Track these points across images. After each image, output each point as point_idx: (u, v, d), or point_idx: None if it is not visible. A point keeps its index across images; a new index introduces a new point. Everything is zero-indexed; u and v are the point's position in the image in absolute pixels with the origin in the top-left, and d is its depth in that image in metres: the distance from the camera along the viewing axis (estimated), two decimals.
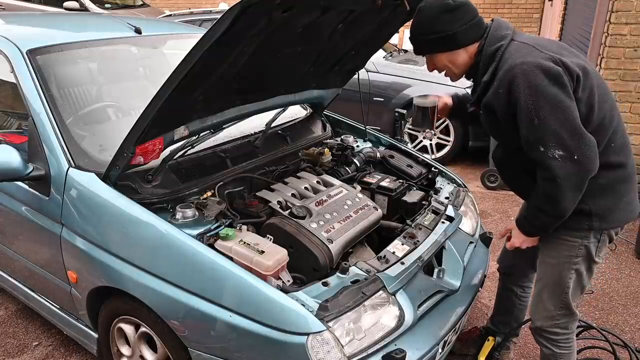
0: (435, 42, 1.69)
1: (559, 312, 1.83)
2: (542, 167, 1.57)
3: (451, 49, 1.69)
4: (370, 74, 5.03)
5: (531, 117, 1.52)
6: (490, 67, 1.63)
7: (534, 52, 1.57)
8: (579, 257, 1.75)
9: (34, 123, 1.98)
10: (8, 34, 2.24)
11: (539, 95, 1.50)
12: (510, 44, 1.62)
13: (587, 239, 1.72)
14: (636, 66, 3.74)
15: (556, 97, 1.50)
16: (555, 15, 7.46)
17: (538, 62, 1.53)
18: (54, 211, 1.95)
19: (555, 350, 1.89)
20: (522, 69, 1.53)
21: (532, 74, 1.51)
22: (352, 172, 2.57)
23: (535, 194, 1.65)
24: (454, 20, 1.64)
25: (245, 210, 2.03)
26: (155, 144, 1.79)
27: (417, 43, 1.75)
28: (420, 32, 1.71)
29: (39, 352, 2.49)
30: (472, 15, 1.66)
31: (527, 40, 1.64)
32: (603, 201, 1.67)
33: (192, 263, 1.65)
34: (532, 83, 1.51)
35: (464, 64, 1.72)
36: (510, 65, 1.55)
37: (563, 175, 1.52)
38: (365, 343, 1.61)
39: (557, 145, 1.51)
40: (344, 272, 1.74)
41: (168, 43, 2.79)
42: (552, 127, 1.50)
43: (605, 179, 1.65)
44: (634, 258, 3.39)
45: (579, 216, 1.67)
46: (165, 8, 10.55)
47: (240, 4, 1.39)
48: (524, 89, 1.52)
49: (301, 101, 2.63)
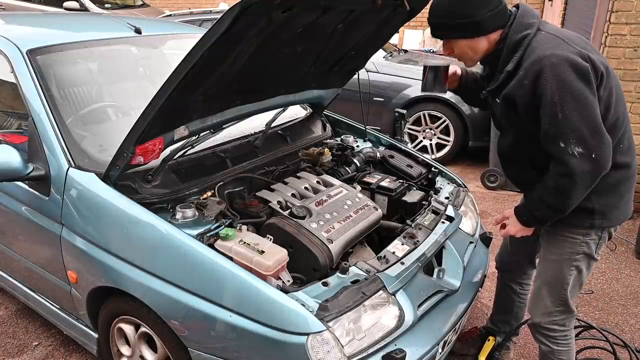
0: (457, 28, 1.61)
1: (557, 309, 1.84)
2: (559, 162, 1.55)
3: (474, 36, 1.63)
4: (370, 74, 5.03)
5: (555, 112, 1.49)
6: (514, 56, 1.57)
7: (563, 45, 1.53)
8: (579, 254, 1.76)
9: (34, 123, 1.98)
10: (8, 34, 2.24)
11: (566, 90, 1.48)
12: (537, 33, 1.57)
13: (588, 236, 1.73)
14: (636, 66, 3.74)
15: (582, 93, 1.48)
16: (555, 15, 7.45)
17: (567, 56, 1.49)
18: (54, 211, 1.95)
19: (554, 347, 1.90)
20: (550, 62, 1.49)
21: (561, 68, 1.48)
22: (352, 172, 2.56)
23: (543, 186, 1.64)
24: (480, 6, 1.57)
25: (245, 210, 2.03)
26: (155, 144, 1.79)
27: (437, 26, 1.66)
28: (443, 15, 1.62)
29: (39, 352, 2.49)
30: (499, 1, 1.59)
31: (554, 31, 1.59)
32: (607, 200, 1.68)
33: (192, 263, 1.65)
34: (561, 77, 1.48)
35: (483, 51, 1.67)
36: (539, 56, 1.51)
37: (580, 172, 1.51)
38: (365, 343, 1.61)
39: (578, 142, 1.49)
40: (344, 272, 1.74)
41: (168, 43, 2.79)
42: (575, 123, 1.48)
43: (613, 179, 1.65)
44: (634, 258, 3.39)
45: (582, 213, 1.68)
46: (165, 8, 10.55)
47: (240, 4, 1.39)
48: (551, 82, 1.48)
49: (301, 101, 2.63)
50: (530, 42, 1.56)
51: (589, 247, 1.75)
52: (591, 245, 1.75)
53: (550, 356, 1.92)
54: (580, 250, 1.75)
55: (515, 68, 1.58)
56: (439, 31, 1.68)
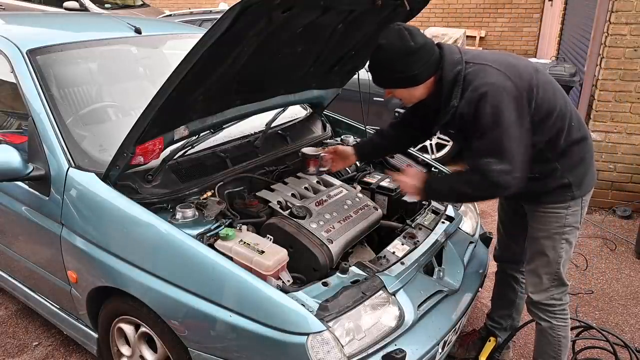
0: (396, 81, 1.77)
1: (552, 284, 1.95)
2: (481, 174, 1.68)
3: (412, 86, 1.77)
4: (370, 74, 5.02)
5: (486, 130, 1.65)
6: (455, 91, 1.72)
7: (493, 72, 1.68)
8: (567, 226, 1.89)
9: (34, 123, 1.98)
10: (8, 34, 2.24)
11: (498, 114, 1.63)
12: (467, 66, 1.72)
13: (570, 208, 1.88)
14: (636, 66, 3.74)
15: (511, 117, 1.64)
16: (555, 15, 7.46)
17: (496, 83, 1.65)
18: (54, 211, 1.95)
19: (553, 322, 1.98)
20: (485, 90, 1.64)
21: (495, 95, 1.63)
22: (352, 172, 2.57)
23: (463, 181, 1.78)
24: (414, 61, 1.70)
25: (245, 210, 2.03)
26: (155, 144, 1.79)
27: (378, 78, 1.82)
28: (382, 70, 1.77)
29: (39, 352, 2.49)
30: (431, 53, 1.72)
31: (480, 60, 1.73)
32: (577, 171, 1.85)
33: (192, 263, 1.65)
34: (494, 102, 1.63)
35: (421, 95, 1.81)
36: (475, 86, 1.67)
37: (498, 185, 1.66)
38: (365, 343, 1.61)
39: (502, 159, 1.64)
40: (344, 272, 1.75)
41: (168, 43, 2.79)
42: (504, 143, 1.64)
43: (576, 154, 1.83)
44: (634, 258, 3.39)
45: (562, 189, 1.84)
46: (165, 8, 10.55)
47: (240, 4, 1.39)
48: (487, 107, 1.63)
49: (301, 101, 2.64)
50: (465, 76, 1.71)
51: (573, 218, 1.89)
52: (575, 216, 1.89)
53: (550, 332, 1.99)
54: (567, 222, 1.88)
55: (460, 99, 1.72)
56: (381, 83, 1.83)
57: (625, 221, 3.92)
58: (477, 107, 1.65)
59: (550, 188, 1.84)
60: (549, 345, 2.02)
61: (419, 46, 1.68)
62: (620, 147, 3.95)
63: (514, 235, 2.19)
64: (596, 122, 3.93)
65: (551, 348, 2.01)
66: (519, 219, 2.07)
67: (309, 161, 2.30)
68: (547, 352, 2.03)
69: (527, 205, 1.98)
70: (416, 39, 1.68)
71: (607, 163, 3.99)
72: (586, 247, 3.54)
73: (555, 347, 2.01)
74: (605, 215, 4.00)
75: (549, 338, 2.00)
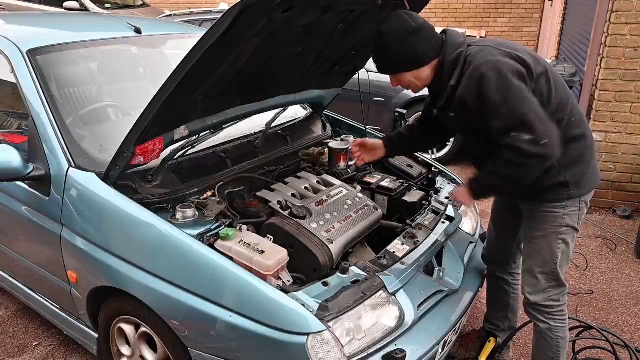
0: (401, 63, 1.77)
1: (550, 284, 1.92)
2: (511, 149, 1.64)
3: (416, 68, 1.77)
4: (370, 74, 5.02)
5: (499, 107, 1.63)
6: (455, 72, 1.72)
7: (495, 51, 1.69)
8: (563, 226, 1.86)
9: (34, 123, 1.98)
10: (8, 34, 2.24)
11: (506, 87, 1.62)
12: (469, 49, 1.73)
13: (568, 208, 1.85)
14: (636, 66, 3.74)
15: (520, 87, 1.63)
16: (555, 15, 7.46)
17: (501, 60, 1.65)
18: (54, 211, 1.95)
19: (552, 324, 1.96)
20: (488, 67, 1.64)
21: (499, 70, 1.63)
22: (352, 172, 2.57)
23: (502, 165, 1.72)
24: (417, 41, 1.71)
25: (245, 210, 2.03)
26: (155, 144, 1.79)
27: (382, 65, 1.82)
28: (387, 54, 1.77)
29: (39, 352, 2.49)
30: (433, 34, 1.75)
31: (483, 42, 1.75)
32: (575, 170, 1.82)
33: (192, 263, 1.65)
34: (499, 77, 1.62)
35: (427, 78, 1.81)
36: (477, 64, 1.66)
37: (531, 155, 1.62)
38: (365, 343, 1.61)
39: (526, 130, 1.61)
40: (344, 272, 1.74)
41: (168, 43, 2.79)
42: (519, 114, 1.61)
43: (574, 151, 1.80)
44: (634, 258, 3.39)
45: (558, 188, 1.82)
46: (165, 8, 10.55)
47: (240, 4, 1.39)
48: (492, 83, 1.62)
49: (301, 101, 2.64)
50: (467, 57, 1.71)
51: (571, 219, 1.86)
52: (573, 217, 1.87)
53: (549, 334, 1.98)
54: (564, 222, 1.86)
55: (458, 82, 1.72)
56: (385, 69, 1.83)
57: (626, 221, 3.92)
58: (480, 85, 1.64)
59: (546, 185, 1.81)
60: (548, 346, 2.00)
61: (419, 26, 1.71)
62: (621, 147, 3.95)
63: (504, 235, 2.19)
64: (596, 122, 3.93)
65: (550, 349, 2.00)
66: (511, 218, 2.08)
67: (339, 156, 2.25)
68: (545, 354, 2.02)
69: (523, 205, 1.96)
70: (416, 20, 1.71)
71: (607, 163, 3.99)
72: (586, 247, 3.54)
73: (554, 348, 1.99)
74: (605, 215, 4.00)
75: (547, 339, 1.99)
